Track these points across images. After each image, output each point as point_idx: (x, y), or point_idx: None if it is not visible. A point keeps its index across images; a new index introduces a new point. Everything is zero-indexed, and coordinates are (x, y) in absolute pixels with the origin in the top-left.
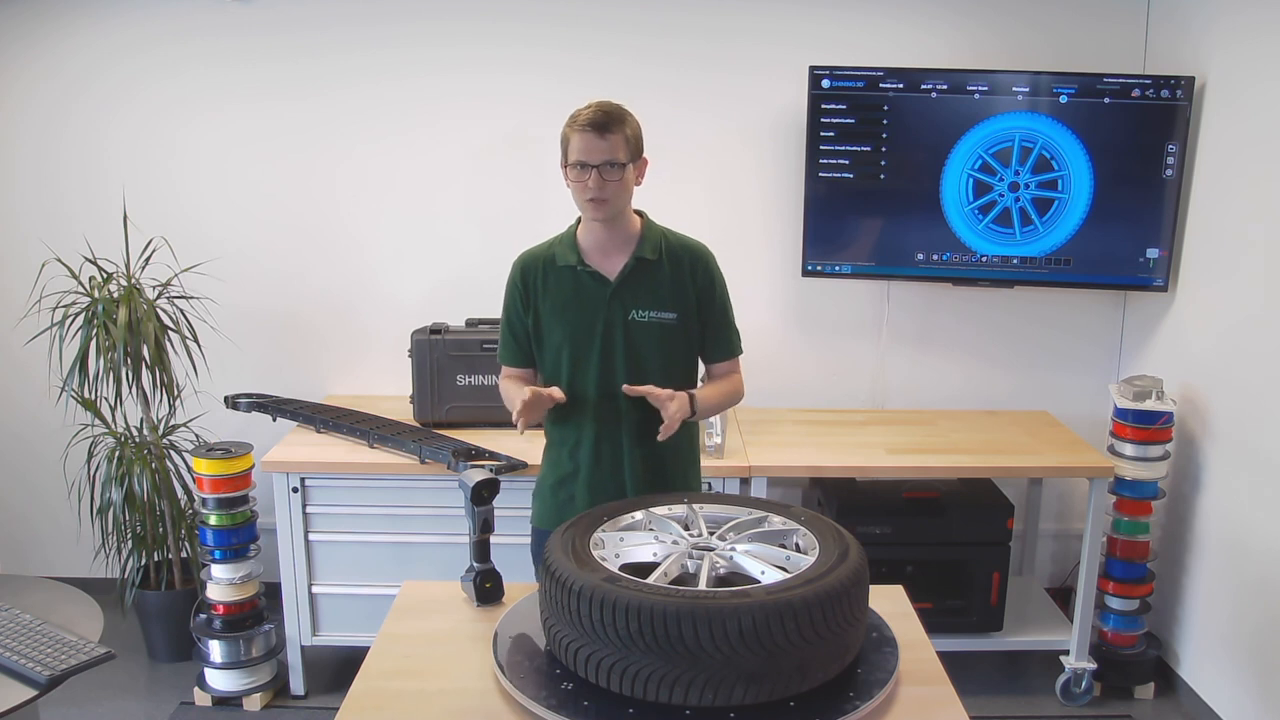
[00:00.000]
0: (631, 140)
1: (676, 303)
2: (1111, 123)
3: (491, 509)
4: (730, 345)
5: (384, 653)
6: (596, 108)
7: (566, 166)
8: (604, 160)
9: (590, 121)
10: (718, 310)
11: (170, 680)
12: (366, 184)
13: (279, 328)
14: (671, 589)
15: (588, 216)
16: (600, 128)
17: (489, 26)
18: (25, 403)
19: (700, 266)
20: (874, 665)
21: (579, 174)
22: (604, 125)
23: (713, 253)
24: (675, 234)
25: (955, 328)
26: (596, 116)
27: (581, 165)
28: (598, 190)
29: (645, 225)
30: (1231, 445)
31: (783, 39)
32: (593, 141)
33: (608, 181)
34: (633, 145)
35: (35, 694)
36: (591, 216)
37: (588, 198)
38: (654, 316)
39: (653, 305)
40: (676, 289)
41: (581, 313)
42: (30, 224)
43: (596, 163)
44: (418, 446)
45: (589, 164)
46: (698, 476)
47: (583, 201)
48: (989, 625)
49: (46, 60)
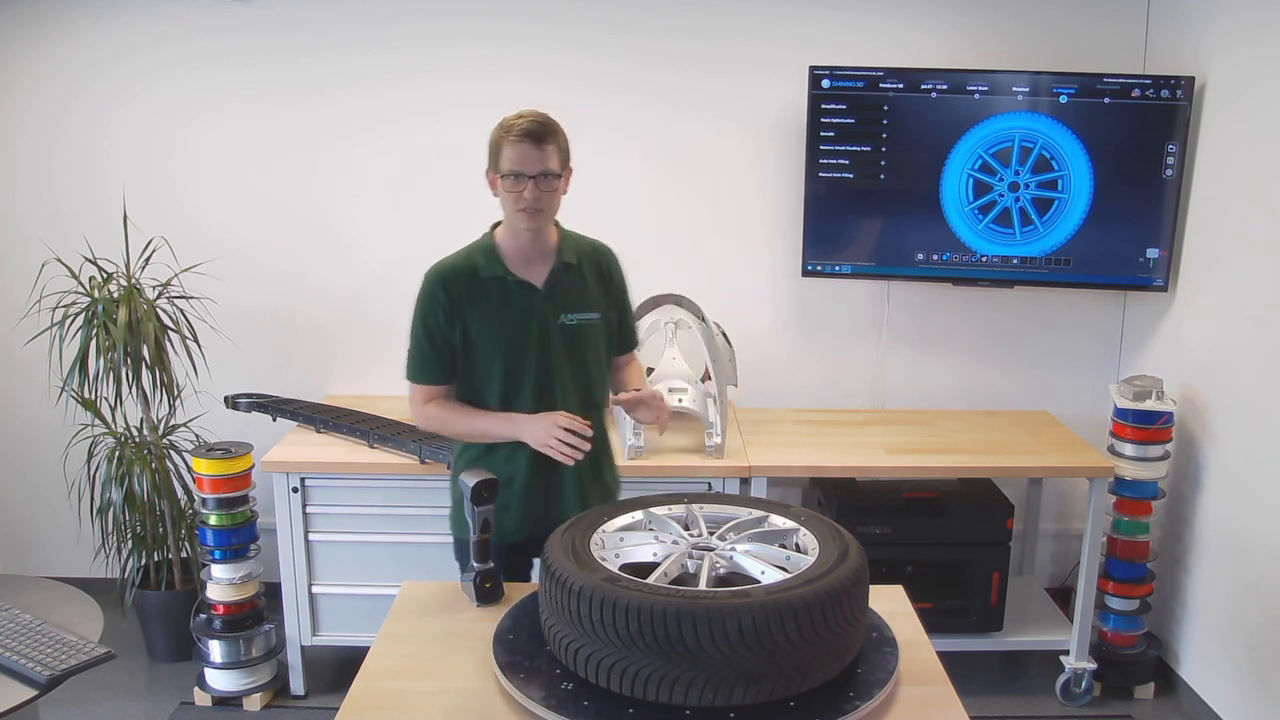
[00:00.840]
0: (563, 151)
1: (596, 302)
2: (1111, 123)
3: (491, 509)
4: (633, 337)
5: (384, 653)
6: (531, 118)
7: (499, 175)
8: (540, 171)
9: (526, 132)
10: (625, 305)
11: (170, 680)
12: (366, 184)
13: (279, 328)
14: (671, 589)
15: (520, 226)
16: (536, 139)
17: (489, 26)
18: (25, 403)
19: (612, 265)
20: (874, 665)
21: (514, 184)
22: (540, 136)
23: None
24: (584, 236)
25: (955, 328)
26: (532, 127)
27: (517, 175)
28: (534, 201)
29: (561, 231)
30: (1231, 445)
31: (783, 39)
32: (530, 152)
33: (543, 192)
34: (563, 155)
35: (35, 694)
36: (525, 226)
37: (522, 208)
38: (582, 318)
39: (579, 308)
40: (594, 289)
41: (514, 323)
42: (30, 224)
43: (533, 173)
44: (418, 446)
45: (526, 174)
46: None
47: (515, 211)
48: (989, 625)
49: (47, 60)
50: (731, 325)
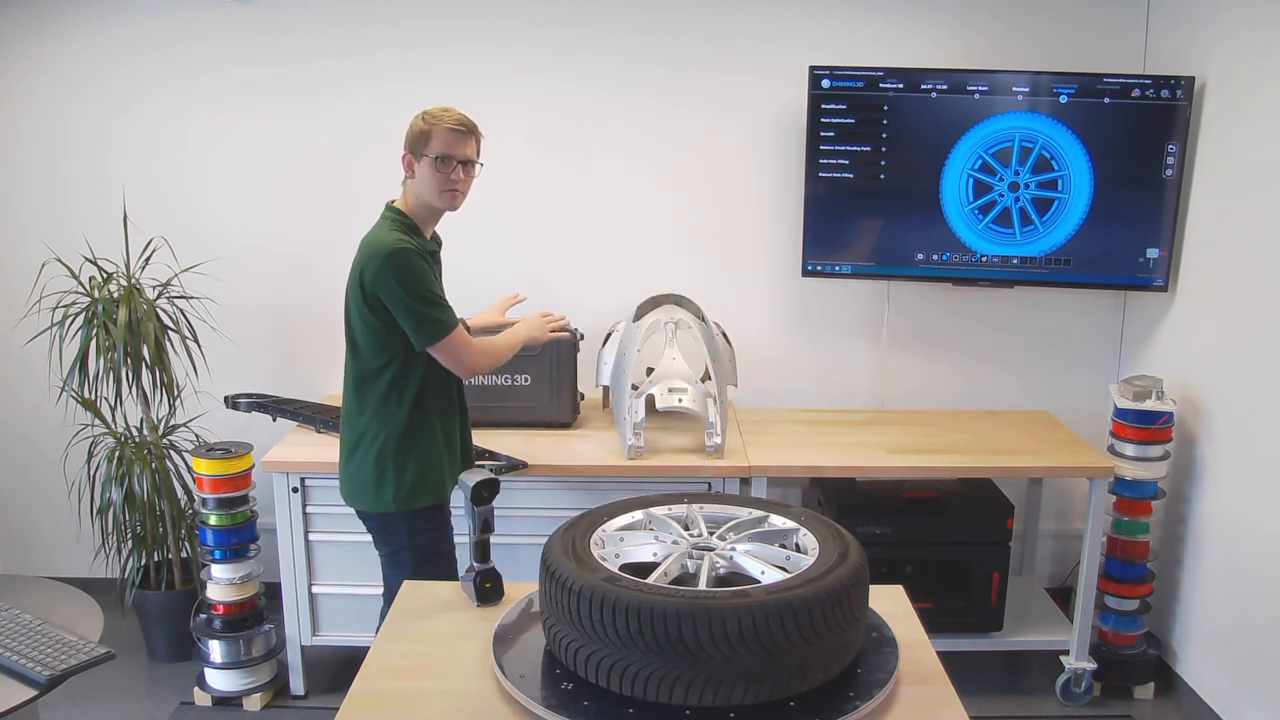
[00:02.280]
0: (480, 145)
1: None
2: (1111, 123)
3: (491, 509)
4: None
5: (384, 653)
6: (458, 112)
7: (425, 159)
8: (467, 158)
9: (460, 122)
10: None
11: (170, 680)
12: (366, 184)
13: (279, 328)
14: (671, 589)
15: (443, 205)
16: (468, 129)
17: (489, 27)
18: (25, 402)
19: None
20: (874, 665)
21: (445, 167)
22: (470, 128)
23: None
24: None
25: (955, 328)
26: (464, 119)
27: (449, 159)
28: (462, 184)
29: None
30: (1231, 445)
31: (783, 39)
32: (462, 140)
33: (466, 178)
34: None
35: (35, 694)
36: (448, 206)
37: (449, 189)
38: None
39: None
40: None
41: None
42: (31, 224)
43: (464, 159)
44: None
45: (455, 159)
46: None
47: (440, 192)
48: (989, 625)
49: (48, 61)
50: (731, 325)
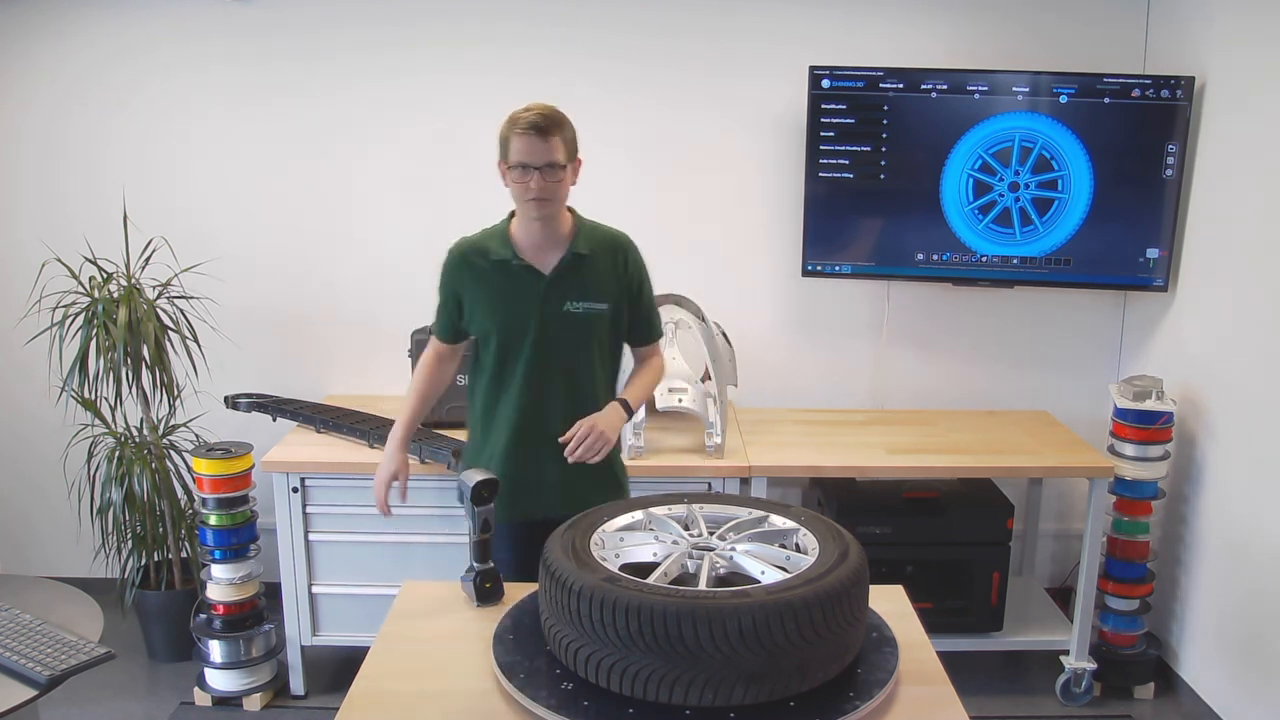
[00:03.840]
0: (569, 143)
1: (606, 293)
2: (1111, 123)
3: (491, 509)
4: (654, 329)
5: (384, 653)
6: (537, 112)
7: (507, 167)
8: (545, 162)
9: (532, 125)
10: (644, 296)
11: (170, 680)
12: (367, 184)
13: (279, 328)
14: (671, 589)
15: (528, 215)
16: (542, 131)
17: (488, 28)
18: (25, 402)
19: (628, 256)
20: (874, 665)
21: (521, 175)
22: (545, 129)
23: (634, 241)
24: (602, 226)
25: (955, 328)
26: (538, 120)
27: (524, 167)
28: (540, 191)
29: (577, 221)
30: (1231, 445)
31: (783, 39)
32: (535, 144)
33: (549, 183)
34: (570, 147)
35: (35, 694)
36: (533, 216)
37: (530, 198)
38: (588, 307)
39: (586, 296)
40: (607, 279)
41: (514, 305)
42: (30, 224)
43: (539, 164)
44: (418, 446)
45: (531, 165)
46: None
47: (524, 201)
48: (989, 625)
49: (48, 60)
50: (731, 325)
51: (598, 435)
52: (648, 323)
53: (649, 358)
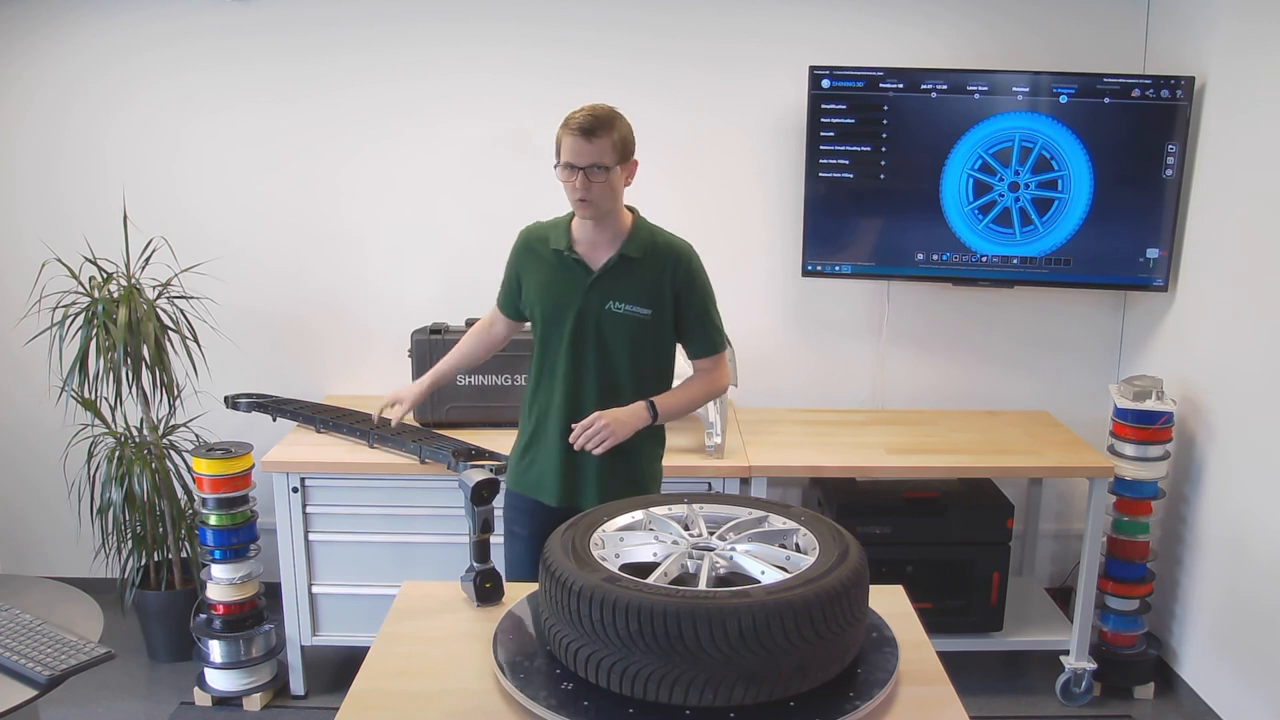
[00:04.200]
0: (619, 144)
1: (653, 299)
2: (1111, 123)
3: (491, 509)
4: (710, 342)
5: (384, 653)
6: (587, 112)
7: (559, 167)
8: (590, 163)
9: (579, 126)
10: (696, 307)
11: (170, 680)
12: (366, 184)
13: (279, 328)
14: (671, 589)
15: (577, 215)
16: (588, 132)
17: (489, 27)
18: (25, 403)
19: (681, 266)
20: (874, 665)
21: (568, 175)
22: (591, 130)
23: (695, 253)
24: (664, 233)
25: (955, 328)
26: (585, 121)
27: (570, 167)
28: (584, 191)
29: (635, 223)
30: (1231, 445)
31: (783, 39)
32: (580, 145)
33: (593, 184)
34: (620, 149)
35: (35, 694)
36: (581, 215)
37: (576, 198)
38: (629, 310)
39: (630, 299)
40: (655, 286)
41: (560, 294)
42: (30, 224)
43: (583, 165)
44: (418, 446)
45: (576, 166)
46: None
47: (573, 201)
48: (989, 625)
49: (47, 60)
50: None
51: (601, 427)
52: (703, 335)
53: (705, 371)
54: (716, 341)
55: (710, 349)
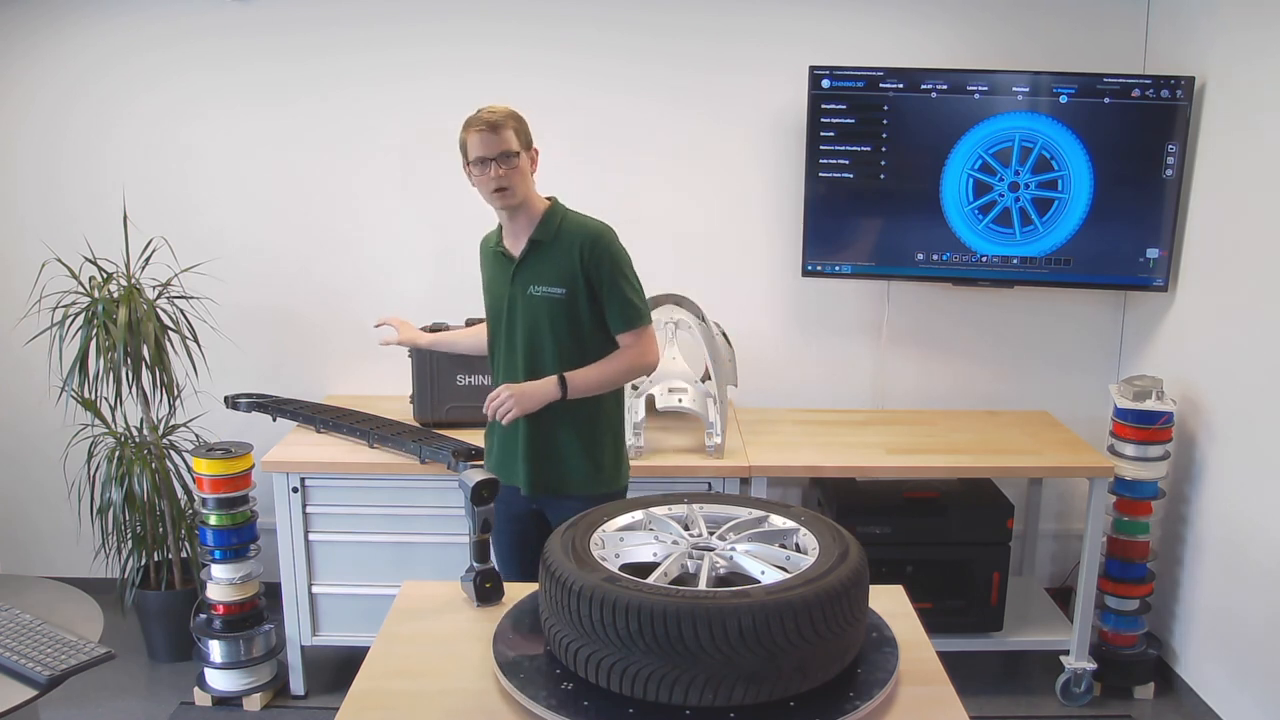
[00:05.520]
0: (521, 133)
1: (565, 279)
2: (1111, 123)
3: (491, 509)
4: (626, 317)
5: (384, 653)
6: (488, 111)
7: (469, 166)
8: (500, 152)
9: (484, 122)
10: (608, 282)
11: (170, 680)
12: (367, 184)
13: (279, 328)
14: (671, 589)
15: (496, 206)
16: (493, 126)
17: (489, 28)
18: (25, 403)
19: (588, 244)
20: (874, 665)
21: (481, 169)
22: (495, 124)
23: (609, 231)
24: (576, 216)
25: (955, 328)
26: (488, 116)
27: (482, 160)
28: (500, 180)
29: (547, 210)
30: (1231, 445)
31: (783, 39)
32: (488, 138)
33: (507, 170)
34: (523, 137)
35: (35, 694)
36: (500, 205)
37: (492, 189)
38: (545, 291)
39: (544, 281)
40: (567, 266)
41: (495, 286)
42: (30, 224)
43: (494, 155)
44: (418, 446)
45: (487, 158)
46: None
47: (488, 194)
48: (989, 625)
49: (48, 61)
50: (731, 325)
51: (504, 399)
52: (618, 310)
53: (628, 347)
54: (632, 316)
55: (627, 324)
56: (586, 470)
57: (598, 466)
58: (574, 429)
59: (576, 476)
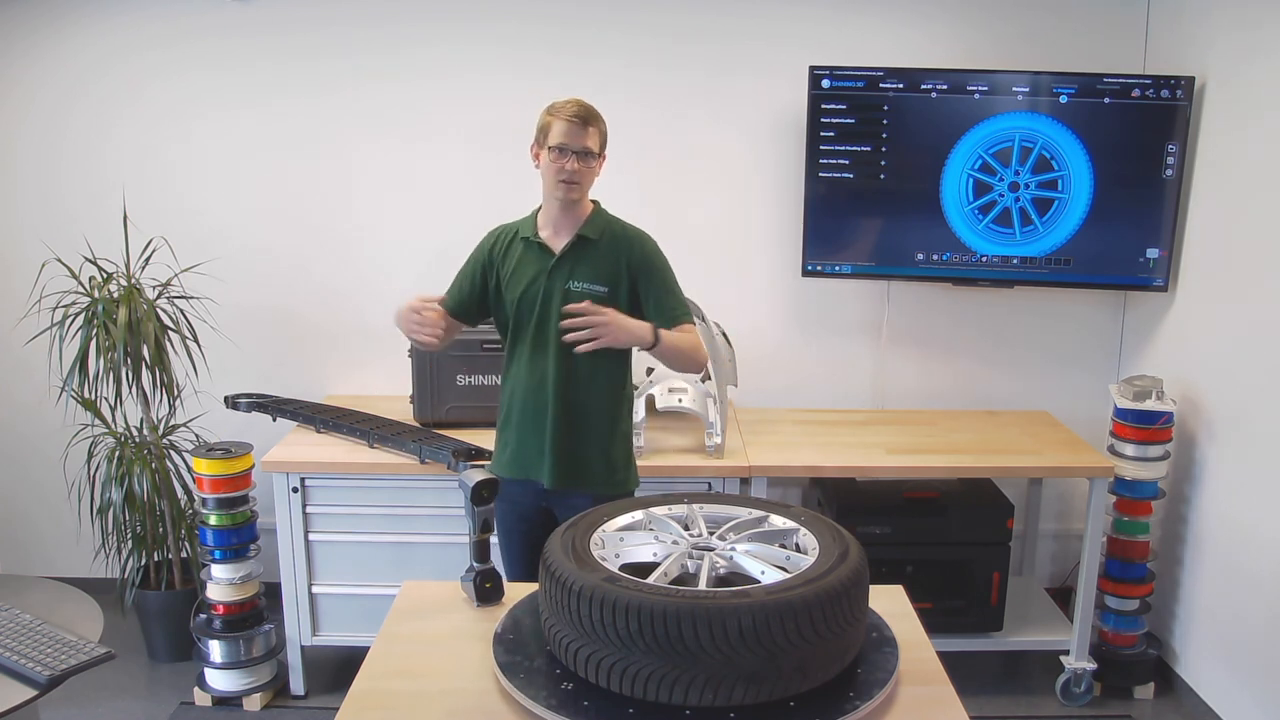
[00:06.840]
0: (603, 136)
1: (610, 278)
2: (1111, 123)
3: (491, 509)
4: (674, 313)
5: (384, 653)
6: (579, 103)
7: (543, 149)
8: (582, 148)
9: (575, 113)
10: (657, 283)
11: (170, 680)
12: (367, 184)
13: (279, 328)
14: (671, 589)
15: (557, 196)
16: (584, 120)
17: (489, 28)
18: (26, 403)
19: (637, 247)
20: (874, 665)
21: (559, 157)
22: (586, 119)
23: (652, 239)
24: (621, 221)
25: (955, 328)
26: (581, 110)
27: (562, 149)
28: (574, 174)
29: (594, 210)
30: (1231, 445)
31: (783, 39)
32: (576, 131)
33: (581, 167)
34: (603, 140)
35: (35, 694)
36: (562, 196)
37: (563, 179)
38: (587, 287)
39: (588, 278)
40: (612, 266)
41: (529, 279)
42: (30, 224)
43: (576, 149)
44: (418, 446)
45: (570, 149)
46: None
47: (556, 182)
48: (989, 625)
49: (48, 61)
50: (731, 325)
51: (600, 321)
52: (670, 308)
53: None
54: (681, 314)
55: (675, 319)
56: (604, 469)
57: (613, 467)
58: (599, 425)
59: (595, 472)
